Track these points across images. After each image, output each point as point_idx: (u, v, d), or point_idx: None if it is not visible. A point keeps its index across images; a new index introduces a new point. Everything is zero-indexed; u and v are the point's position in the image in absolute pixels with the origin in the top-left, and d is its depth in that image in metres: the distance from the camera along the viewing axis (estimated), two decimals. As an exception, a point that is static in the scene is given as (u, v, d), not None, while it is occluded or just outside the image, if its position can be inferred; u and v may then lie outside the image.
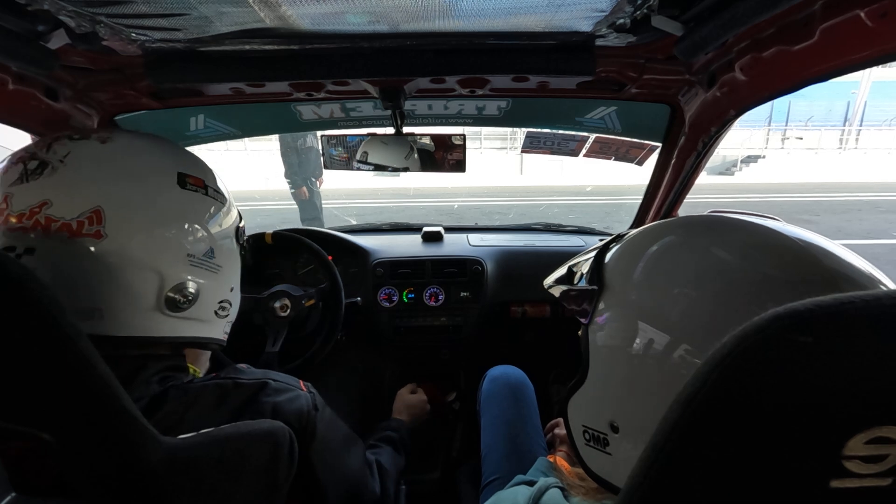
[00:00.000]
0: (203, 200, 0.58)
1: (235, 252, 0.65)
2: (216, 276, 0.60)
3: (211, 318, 0.61)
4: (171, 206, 0.54)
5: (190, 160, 0.60)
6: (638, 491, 0.27)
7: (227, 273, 0.63)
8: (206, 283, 0.58)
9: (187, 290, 0.55)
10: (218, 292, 0.61)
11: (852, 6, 0.51)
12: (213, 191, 0.60)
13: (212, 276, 0.59)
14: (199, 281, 0.57)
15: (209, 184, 0.60)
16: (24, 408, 0.38)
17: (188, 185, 0.56)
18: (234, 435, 0.48)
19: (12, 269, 0.36)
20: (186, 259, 0.55)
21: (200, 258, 0.56)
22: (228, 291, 0.64)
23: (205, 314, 0.59)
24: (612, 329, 0.45)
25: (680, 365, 0.38)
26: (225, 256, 0.61)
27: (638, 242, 0.49)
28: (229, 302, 0.64)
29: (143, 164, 0.55)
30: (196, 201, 0.57)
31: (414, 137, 1.10)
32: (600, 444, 0.46)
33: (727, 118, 0.90)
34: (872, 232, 6.02)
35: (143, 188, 0.53)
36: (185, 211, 0.56)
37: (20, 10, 0.59)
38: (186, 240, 0.55)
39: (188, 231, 0.55)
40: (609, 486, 0.46)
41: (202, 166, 0.61)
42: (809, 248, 0.39)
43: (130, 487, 0.41)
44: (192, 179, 0.57)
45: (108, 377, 0.40)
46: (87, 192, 0.49)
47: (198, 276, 0.57)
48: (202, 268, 0.57)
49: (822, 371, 0.22)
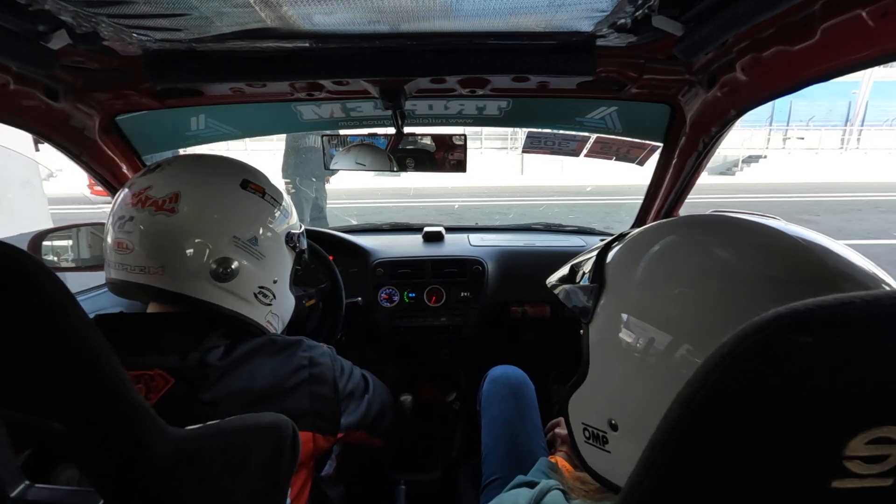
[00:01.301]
0: (258, 202, 0.72)
1: (283, 251, 0.77)
2: (258, 262, 0.71)
3: (251, 299, 0.72)
4: (230, 199, 0.69)
5: (256, 174, 0.75)
6: (638, 491, 0.27)
7: (270, 264, 0.73)
8: (248, 264, 0.69)
9: (229, 264, 0.67)
10: (258, 276, 0.72)
11: (853, 6, 0.51)
12: (270, 198, 0.74)
13: (253, 261, 0.70)
14: (242, 261, 0.68)
15: (269, 192, 0.74)
16: (37, 397, 0.39)
17: (249, 188, 0.71)
18: (239, 428, 0.50)
19: (27, 263, 0.37)
20: (232, 240, 0.67)
21: (244, 242, 0.69)
22: (271, 282, 0.74)
23: (244, 292, 0.70)
24: (613, 327, 0.45)
25: (680, 364, 0.38)
26: (269, 249, 0.73)
27: (639, 242, 0.49)
28: (271, 291, 0.74)
29: (219, 168, 0.72)
30: (252, 200, 0.71)
31: (415, 137, 1.10)
32: (599, 441, 0.46)
33: (728, 118, 0.90)
34: (873, 232, 6.02)
35: (213, 183, 0.69)
36: (240, 205, 0.70)
37: (21, 11, 0.59)
38: (235, 225, 0.68)
39: (239, 219, 0.69)
40: (609, 485, 0.46)
41: (266, 181, 0.75)
42: (811, 247, 0.39)
43: (138, 477, 0.42)
44: (253, 185, 0.72)
45: (117, 368, 0.41)
46: (175, 181, 0.66)
47: (240, 257, 0.68)
48: (245, 250, 0.69)
49: (823, 371, 0.22)
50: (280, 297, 0.77)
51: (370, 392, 0.83)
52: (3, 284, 0.36)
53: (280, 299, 0.77)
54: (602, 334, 0.46)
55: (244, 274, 0.69)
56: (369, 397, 0.82)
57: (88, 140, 1.02)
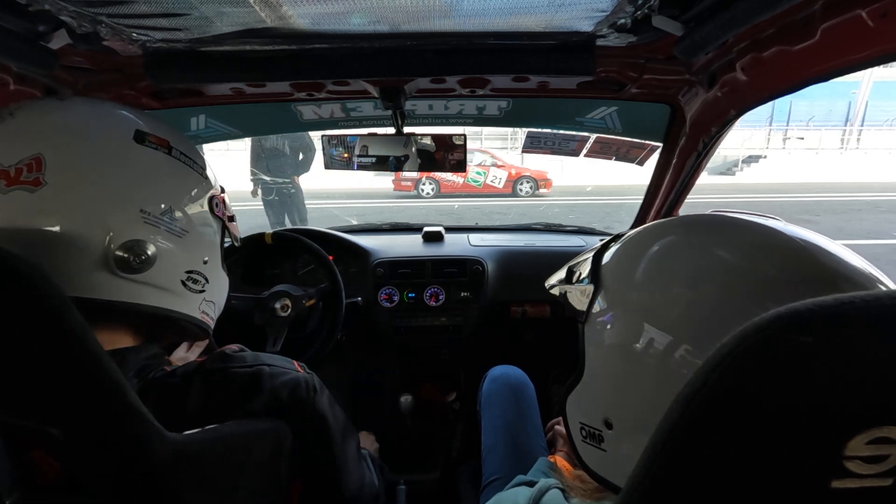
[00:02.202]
0: (165, 160, 0.54)
1: (209, 222, 0.61)
2: (180, 241, 0.55)
3: (178, 289, 0.56)
4: (123, 160, 0.51)
5: (154, 122, 0.56)
6: (638, 490, 0.27)
7: (196, 241, 0.58)
8: (167, 246, 0.53)
9: (140, 248, 0.50)
10: (183, 259, 0.56)
11: (853, 6, 0.51)
12: (179, 153, 0.56)
13: (174, 240, 0.54)
14: (158, 242, 0.52)
15: (176, 146, 0.56)
16: (33, 403, 0.39)
17: (147, 142, 0.53)
18: (239, 431, 0.49)
19: (21, 267, 0.36)
20: (139, 216, 0.51)
21: (157, 217, 0.52)
22: (201, 263, 0.59)
23: (168, 282, 0.55)
24: (607, 327, 0.45)
25: (677, 364, 0.38)
26: (192, 221, 0.57)
27: (635, 242, 0.49)
28: (202, 275, 0.59)
29: (97, 120, 0.53)
30: (155, 158, 0.53)
31: (415, 137, 1.10)
32: (595, 440, 0.46)
33: (728, 118, 0.90)
34: (873, 232, 6.02)
35: (93, 139, 0.50)
36: (140, 166, 0.52)
37: (21, 11, 0.59)
38: (139, 194, 0.51)
39: (141, 186, 0.51)
40: (606, 483, 0.46)
41: (169, 129, 0.57)
42: (810, 247, 0.39)
43: (136, 483, 0.42)
44: (153, 138, 0.53)
45: (115, 374, 0.40)
46: (28, 140, 0.47)
47: (155, 236, 0.52)
48: (160, 227, 0.52)
49: (823, 371, 0.22)
50: (214, 279, 0.62)
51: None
52: (0, 289, 0.36)
53: (214, 282, 0.62)
54: (596, 334, 0.47)
55: (165, 258, 0.53)
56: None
57: None
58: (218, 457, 0.47)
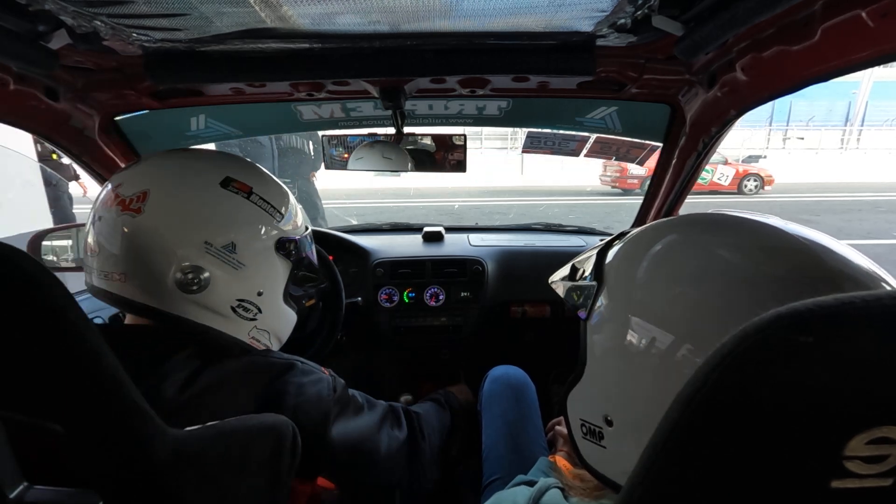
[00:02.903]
0: (241, 203, 0.63)
1: (272, 260, 0.67)
2: (236, 272, 0.62)
3: (228, 314, 0.63)
4: (204, 199, 0.61)
5: (243, 169, 0.66)
6: (638, 490, 0.27)
7: (252, 274, 0.65)
8: (222, 274, 0.61)
9: (197, 274, 0.59)
10: (236, 289, 0.63)
11: (853, 6, 0.51)
12: (259, 198, 0.65)
13: (230, 270, 0.62)
14: (214, 270, 0.60)
15: (258, 192, 0.65)
16: (36, 399, 0.39)
17: (231, 186, 0.63)
18: (240, 429, 0.50)
19: (26, 264, 0.37)
20: (203, 246, 0.59)
21: (218, 249, 0.60)
22: (255, 294, 0.66)
23: (219, 306, 0.62)
24: (610, 325, 0.45)
25: (678, 363, 0.38)
26: (252, 257, 0.64)
27: (639, 241, 0.49)
28: (254, 305, 0.66)
29: (199, 163, 0.65)
30: (232, 201, 0.62)
31: (415, 137, 1.10)
32: (596, 437, 0.46)
33: (728, 118, 0.90)
34: (873, 232, 6.02)
35: (188, 180, 0.62)
36: (217, 206, 0.61)
37: (21, 11, 0.59)
38: (208, 229, 0.60)
39: (213, 223, 0.61)
40: (605, 480, 0.46)
41: (259, 178, 0.67)
42: (812, 246, 0.39)
43: (138, 478, 0.42)
44: (237, 184, 0.63)
45: (116, 370, 0.41)
46: (146, 178, 0.60)
47: (212, 265, 0.60)
48: (218, 258, 0.60)
49: (823, 371, 0.22)
50: (269, 310, 0.68)
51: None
52: (2, 285, 0.36)
53: (269, 313, 0.68)
54: (599, 332, 0.47)
55: (217, 285, 0.61)
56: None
57: (88, 140, 1.02)
58: (218, 453, 0.47)
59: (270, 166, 3.98)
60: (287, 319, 0.74)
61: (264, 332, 0.69)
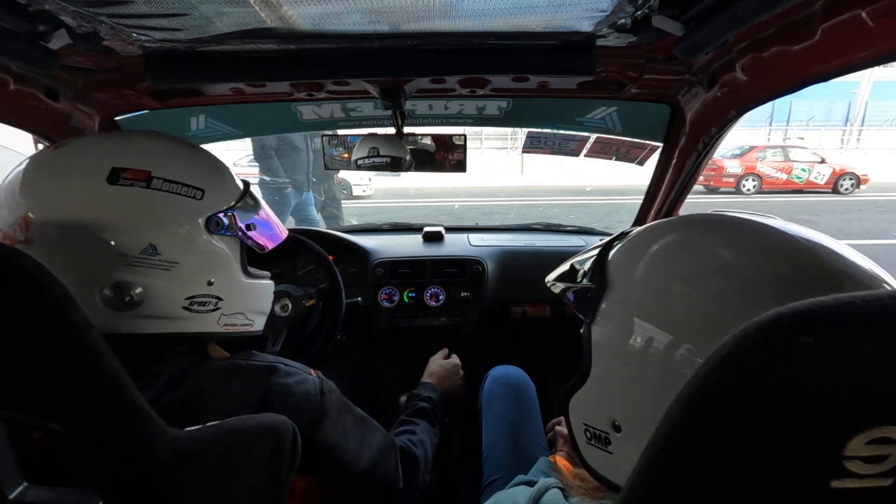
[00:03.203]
0: (143, 194, 0.53)
1: (210, 245, 0.59)
2: (170, 273, 0.55)
3: (184, 315, 0.57)
4: (96, 206, 0.51)
5: (134, 150, 0.55)
6: (638, 490, 0.27)
7: (192, 268, 0.57)
8: (154, 281, 0.53)
9: (127, 291, 0.51)
10: (179, 289, 0.56)
11: (853, 6, 0.51)
12: (162, 181, 0.54)
13: (162, 274, 0.54)
14: (143, 280, 0.53)
15: (158, 174, 0.54)
16: (36, 399, 0.39)
17: (123, 178, 0.52)
18: (239, 428, 0.50)
19: (25, 264, 0.37)
20: (117, 258, 0.51)
21: (137, 256, 0.52)
22: (204, 286, 0.58)
23: (170, 311, 0.56)
24: (615, 327, 0.45)
25: (682, 364, 0.38)
26: (182, 252, 0.56)
27: (642, 241, 0.48)
28: (210, 296, 0.59)
29: (74, 165, 0.53)
30: (131, 196, 0.52)
31: (415, 137, 1.10)
32: (602, 442, 0.46)
33: (728, 118, 0.90)
34: (872, 232, 6.02)
35: (67, 193, 0.51)
36: (114, 209, 0.52)
37: (21, 11, 0.59)
38: (116, 239, 0.51)
39: (117, 229, 0.51)
40: (611, 485, 0.46)
41: (152, 155, 0.55)
42: (812, 247, 0.39)
43: (138, 478, 0.42)
44: (129, 174, 0.52)
45: (117, 370, 0.41)
46: (22, 199, 0.50)
47: (138, 276, 0.52)
48: (142, 266, 0.52)
49: (823, 371, 0.22)
50: (230, 294, 0.61)
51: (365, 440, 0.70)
52: (2, 285, 0.36)
53: (231, 297, 0.62)
54: (605, 335, 0.46)
55: (155, 293, 0.54)
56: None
57: None
58: (218, 453, 0.48)
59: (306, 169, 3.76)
60: (259, 292, 0.68)
61: (237, 315, 0.63)
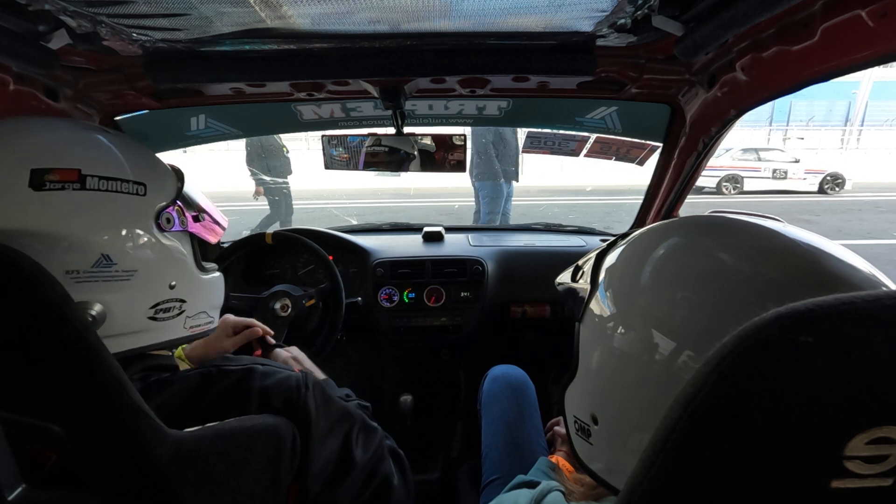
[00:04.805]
0: (77, 198, 0.45)
1: (164, 244, 0.53)
2: (129, 284, 0.49)
3: (149, 326, 0.52)
4: (23, 218, 0.43)
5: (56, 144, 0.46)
6: (638, 490, 0.27)
7: (151, 274, 0.51)
8: (114, 296, 0.48)
9: (84, 311, 0.45)
10: (141, 300, 0.51)
11: (853, 6, 0.51)
12: (97, 180, 0.46)
13: (121, 287, 0.48)
14: (101, 297, 0.46)
15: (90, 171, 0.45)
16: (35, 400, 0.39)
17: (49, 183, 0.43)
18: (239, 429, 0.49)
19: (24, 265, 0.37)
20: (67, 278, 0.44)
21: (88, 272, 0.45)
22: (167, 289, 0.53)
23: (134, 325, 0.50)
24: (596, 327, 0.47)
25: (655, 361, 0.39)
26: (138, 258, 0.49)
27: (634, 245, 0.49)
28: (174, 300, 0.54)
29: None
30: (63, 202, 0.44)
31: (415, 137, 1.10)
32: (585, 434, 0.47)
33: (728, 118, 0.90)
34: (872, 232, 6.01)
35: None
36: (46, 220, 0.43)
37: (21, 11, 0.59)
38: (58, 256, 0.44)
39: (57, 244, 0.44)
40: (594, 476, 0.47)
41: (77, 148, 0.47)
42: (811, 250, 0.39)
43: (137, 479, 0.42)
44: (56, 174, 0.43)
45: (116, 371, 0.40)
46: None
47: (94, 293, 0.46)
48: (97, 281, 0.46)
49: (823, 371, 0.22)
50: (192, 294, 0.57)
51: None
52: (2, 287, 0.36)
53: (193, 296, 0.57)
54: (589, 333, 0.48)
55: (118, 309, 0.48)
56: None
57: None
58: (218, 454, 0.47)
59: (515, 160, 3.56)
60: (215, 286, 0.63)
61: (200, 315, 0.59)
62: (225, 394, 0.52)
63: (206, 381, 0.52)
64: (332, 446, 0.61)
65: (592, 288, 0.49)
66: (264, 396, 0.53)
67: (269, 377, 0.55)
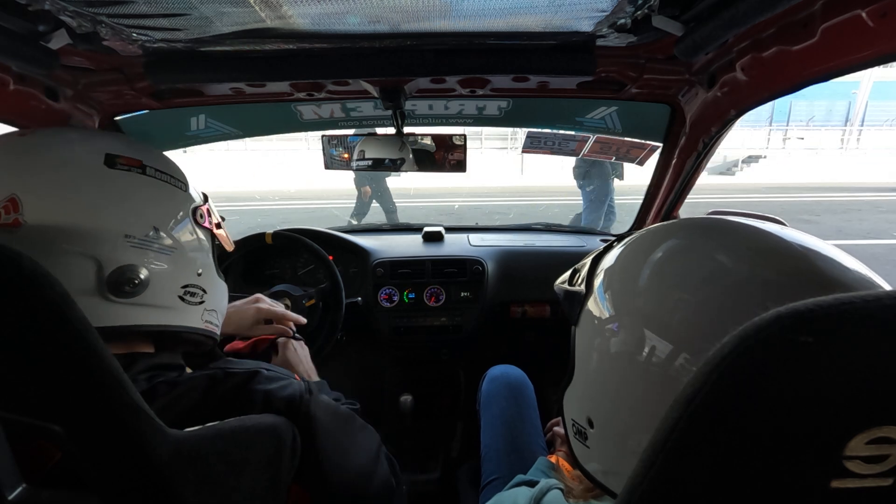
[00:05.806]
0: (140, 180, 0.54)
1: (197, 234, 0.61)
2: (171, 259, 0.56)
3: (177, 305, 0.57)
4: (98, 188, 0.51)
5: (123, 142, 0.56)
6: (638, 490, 0.27)
7: (186, 256, 0.58)
8: (158, 265, 0.54)
9: (132, 273, 0.51)
10: (177, 276, 0.57)
11: (853, 6, 0.51)
12: (154, 171, 0.56)
13: (164, 259, 0.55)
14: (150, 265, 0.53)
15: (149, 164, 0.55)
16: (36, 400, 0.39)
17: (119, 164, 0.53)
18: (239, 429, 0.50)
19: (25, 265, 0.37)
20: (125, 241, 0.51)
21: (143, 239, 0.53)
22: (195, 276, 0.59)
23: (166, 300, 0.56)
24: (590, 331, 0.47)
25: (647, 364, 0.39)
26: (179, 238, 0.57)
27: (632, 247, 0.49)
28: (199, 287, 0.60)
29: (64, 149, 0.52)
30: (130, 181, 0.53)
31: (415, 137, 1.10)
32: (582, 437, 0.48)
33: (728, 118, 0.90)
34: (872, 232, 6.01)
35: (63, 171, 0.50)
36: (116, 191, 0.52)
37: (21, 11, 0.59)
38: (121, 220, 0.51)
39: (121, 211, 0.52)
40: (592, 480, 0.47)
41: (140, 147, 0.57)
42: (809, 253, 0.39)
43: (137, 479, 0.42)
44: (124, 160, 0.53)
45: (116, 371, 0.40)
46: (3, 178, 0.48)
47: (142, 259, 0.53)
48: (148, 249, 0.53)
49: (823, 371, 0.22)
50: (211, 288, 0.63)
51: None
52: (2, 286, 0.36)
53: (211, 291, 0.63)
54: (585, 336, 0.48)
55: (158, 278, 0.54)
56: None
57: None
58: (218, 454, 0.47)
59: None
60: (223, 293, 0.69)
61: (213, 312, 0.64)
62: (230, 395, 0.54)
63: (212, 382, 0.54)
64: (340, 449, 0.63)
65: (588, 291, 0.49)
66: (268, 399, 0.55)
67: (274, 381, 0.57)
